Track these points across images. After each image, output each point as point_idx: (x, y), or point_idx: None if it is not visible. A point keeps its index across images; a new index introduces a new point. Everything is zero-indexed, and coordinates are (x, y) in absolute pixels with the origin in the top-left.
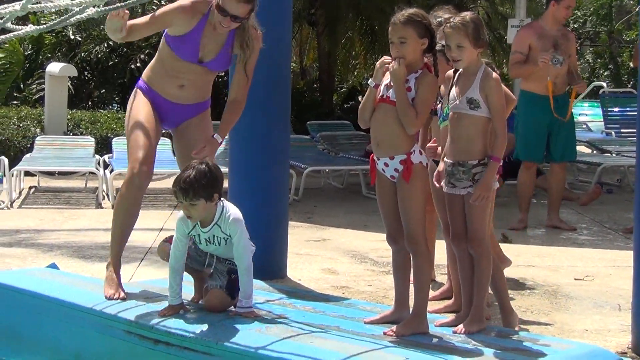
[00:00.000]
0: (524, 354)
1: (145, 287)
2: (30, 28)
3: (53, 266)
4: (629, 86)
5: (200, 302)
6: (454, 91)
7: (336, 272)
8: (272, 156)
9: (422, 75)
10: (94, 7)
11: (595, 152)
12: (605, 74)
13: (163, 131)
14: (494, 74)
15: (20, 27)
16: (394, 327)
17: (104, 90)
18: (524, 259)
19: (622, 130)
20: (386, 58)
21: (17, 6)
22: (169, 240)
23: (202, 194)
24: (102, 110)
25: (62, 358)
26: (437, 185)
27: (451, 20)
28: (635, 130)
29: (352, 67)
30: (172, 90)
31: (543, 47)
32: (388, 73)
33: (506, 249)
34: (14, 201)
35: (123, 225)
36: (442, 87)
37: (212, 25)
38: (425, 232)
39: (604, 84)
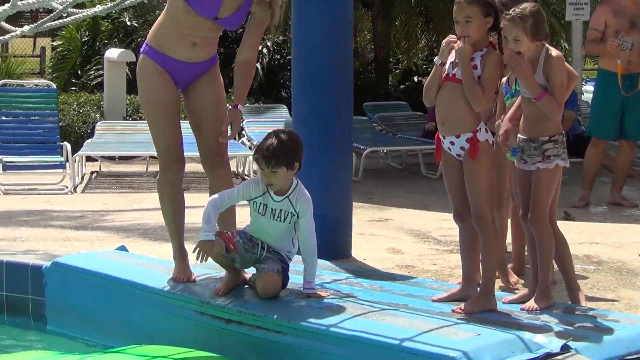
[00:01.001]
0: (593, 329)
1: (213, 268)
2: (89, 11)
3: (122, 248)
4: None
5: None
6: None
7: (400, 252)
8: (335, 137)
9: (488, 53)
10: None
11: None
12: None
13: None
14: (555, 52)
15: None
16: (462, 305)
17: None
18: (587, 236)
19: None
20: (452, 37)
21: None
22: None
23: (284, 161)
24: None
25: (135, 339)
26: (500, 142)
27: (510, 12)
28: None
29: (406, 48)
30: (184, 50)
31: (619, 25)
32: (453, 51)
33: (568, 226)
34: (77, 186)
35: (175, 219)
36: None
37: None
38: (492, 210)
39: None
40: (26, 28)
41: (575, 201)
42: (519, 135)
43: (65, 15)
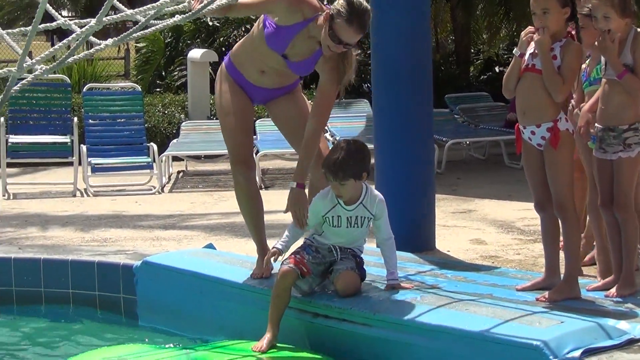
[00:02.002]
0: None
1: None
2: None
3: (210, 246)
4: None
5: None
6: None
7: (484, 242)
8: (417, 130)
9: (567, 43)
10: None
11: None
12: None
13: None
14: None
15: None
16: (546, 293)
17: None
18: None
19: None
20: (531, 28)
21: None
22: (290, 260)
23: (351, 173)
24: None
25: (225, 334)
26: (582, 134)
27: None
28: None
29: (487, 38)
30: (253, 74)
31: None
32: (532, 42)
33: None
34: (164, 186)
35: (253, 219)
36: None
37: (309, 33)
38: (574, 199)
39: None
40: (110, 41)
41: None
42: (596, 124)
43: (147, 26)
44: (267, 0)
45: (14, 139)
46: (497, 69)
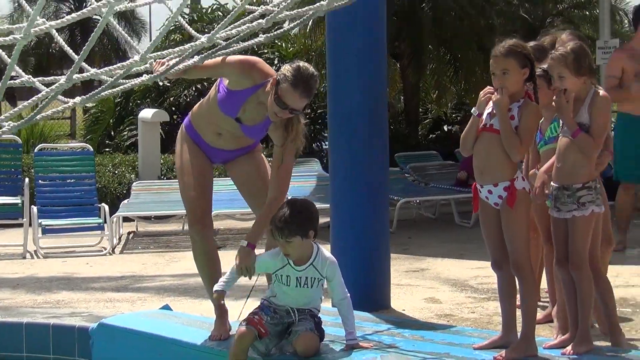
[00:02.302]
0: None
1: None
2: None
3: (166, 308)
4: None
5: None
6: None
7: (438, 301)
8: (373, 190)
9: (525, 104)
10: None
11: None
12: None
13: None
14: (603, 93)
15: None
16: (503, 352)
17: None
18: (623, 279)
19: None
20: (489, 88)
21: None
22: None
23: (298, 231)
24: None
25: None
26: (537, 194)
27: (554, 51)
28: None
29: (435, 97)
30: (210, 136)
31: (635, 69)
32: (491, 102)
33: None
34: (115, 247)
35: (210, 279)
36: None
37: (259, 99)
38: (530, 257)
39: None
40: (78, 99)
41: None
42: (552, 183)
43: (115, 85)
44: (221, 64)
45: None
46: (445, 128)
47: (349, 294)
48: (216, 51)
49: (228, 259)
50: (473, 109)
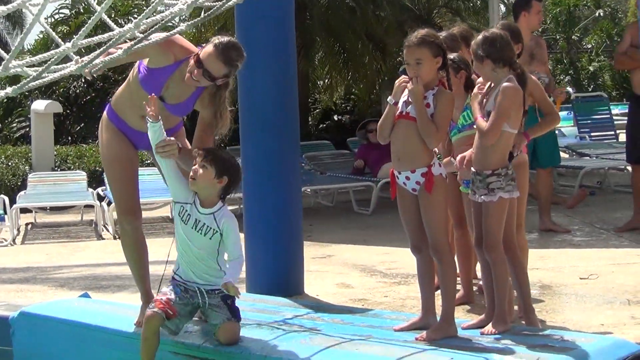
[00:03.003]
0: (554, 349)
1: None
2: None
3: (86, 295)
4: (590, 90)
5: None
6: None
7: (350, 286)
8: (285, 178)
9: (439, 91)
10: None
11: (575, 156)
12: (566, 79)
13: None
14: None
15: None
16: (424, 333)
17: (83, 125)
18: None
19: (593, 133)
20: (404, 77)
21: None
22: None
23: (216, 166)
24: (85, 145)
25: None
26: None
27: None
28: (607, 133)
29: (327, 87)
30: (134, 120)
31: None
32: (406, 90)
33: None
34: (15, 238)
35: (139, 267)
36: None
37: (182, 75)
38: (448, 240)
39: (570, 90)
40: (9, 90)
41: None
42: (472, 168)
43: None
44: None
45: None
46: (335, 118)
47: (243, 258)
48: (139, 41)
49: (152, 248)
50: (389, 97)
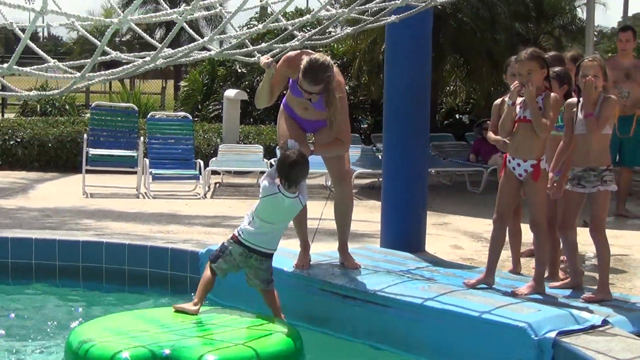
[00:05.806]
0: (622, 309)
1: (323, 258)
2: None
3: None
4: None
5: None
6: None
7: (461, 248)
8: (416, 160)
9: (547, 95)
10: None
11: None
12: None
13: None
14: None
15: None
16: (519, 288)
17: (262, 110)
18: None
19: None
20: (518, 83)
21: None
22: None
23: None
24: (263, 125)
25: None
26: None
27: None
28: None
29: (451, 92)
30: (298, 110)
31: (616, 77)
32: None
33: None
34: (206, 193)
35: (298, 220)
36: None
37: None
38: (545, 219)
39: None
40: (33, 93)
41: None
42: (574, 167)
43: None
44: (278, 72)
45: (93, 151)
46: (457, 116)
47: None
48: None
49: (311, 208)
50: (507, 99)
